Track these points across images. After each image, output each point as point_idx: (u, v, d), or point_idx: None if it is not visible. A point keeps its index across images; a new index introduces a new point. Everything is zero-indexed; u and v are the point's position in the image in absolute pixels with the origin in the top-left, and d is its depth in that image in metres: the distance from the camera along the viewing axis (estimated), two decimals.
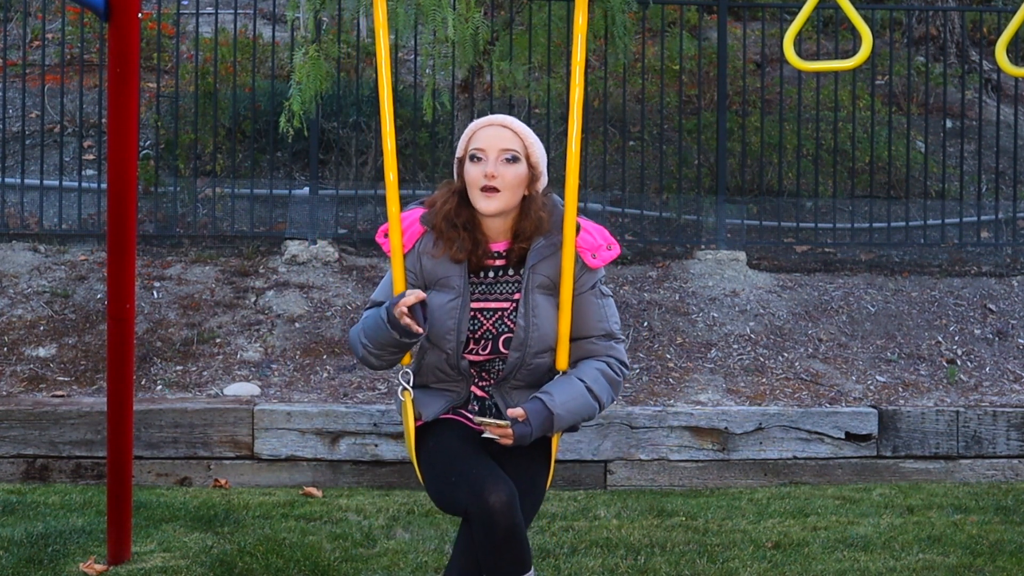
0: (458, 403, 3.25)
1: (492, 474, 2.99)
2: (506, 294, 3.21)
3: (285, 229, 7.70)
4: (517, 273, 3.21)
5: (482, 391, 3.26)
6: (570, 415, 3.14)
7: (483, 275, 3.22)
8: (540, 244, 3.18)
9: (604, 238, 3.24)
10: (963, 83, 8.61)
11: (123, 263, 3.78)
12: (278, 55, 8.38)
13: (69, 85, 8.20)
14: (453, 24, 6.58)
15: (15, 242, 7.35)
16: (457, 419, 3.24)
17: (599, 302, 3.25)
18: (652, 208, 8.11)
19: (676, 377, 6.48)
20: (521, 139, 3.18)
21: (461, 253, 3.16)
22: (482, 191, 3.13)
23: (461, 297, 3.16)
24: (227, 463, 5.75)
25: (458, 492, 3.00)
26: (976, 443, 6.10)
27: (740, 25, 9.58)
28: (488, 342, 3.19)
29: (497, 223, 3.20)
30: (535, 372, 3.21)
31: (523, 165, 3.16)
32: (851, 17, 3.94)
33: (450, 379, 3.23)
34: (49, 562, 4.20)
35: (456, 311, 3.16)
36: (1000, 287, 7.57)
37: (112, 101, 3.58)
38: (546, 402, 3.10)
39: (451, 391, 3.24)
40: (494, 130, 3.18)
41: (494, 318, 3.19)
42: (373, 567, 4.27)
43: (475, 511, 2.92)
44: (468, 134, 3.22)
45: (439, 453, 3.14)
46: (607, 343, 3.25)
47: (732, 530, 4.92)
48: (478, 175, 3.14)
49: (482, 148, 3.16)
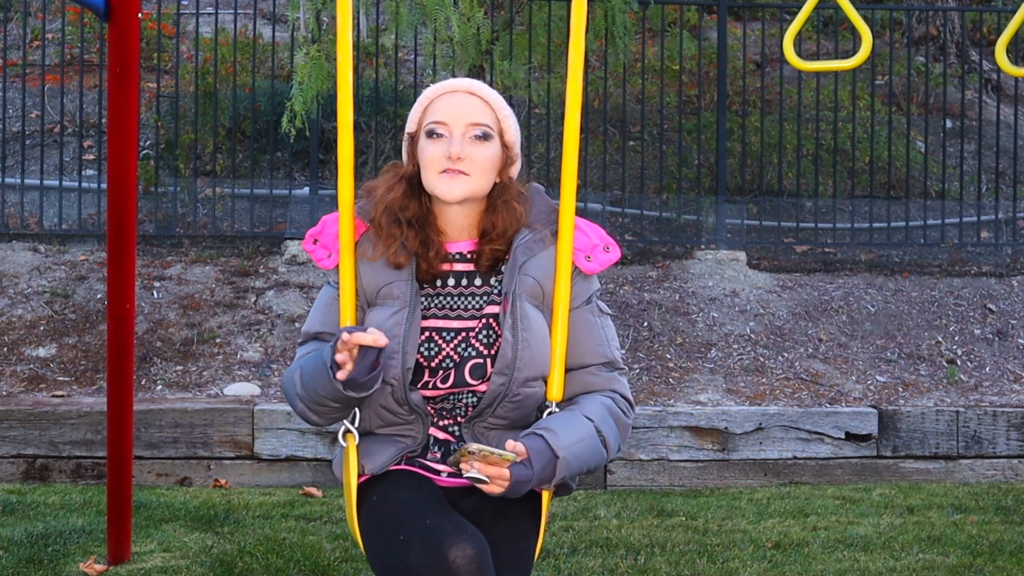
0: (413, 450, 2.47)
1: (456, 527, 2.22)
2: (472, 309, 2.45)
3: (285, 229, 7.70)
4: (487, 283, 2.47)
5: (444, 432, 2.48)
6: (577, 461, 2.35)
7: (440, 284, 2.46)
8: (526, 238, 2.47)
9: (601, 238, 2.52)
10: (963, 83, 8.61)
11: (123, 263, 3.78)
12: (278, 55, 8.38)
13: (69, 85, 8.20)
14: (456, 24, 6.59)
15: (15, 242, 7.35)
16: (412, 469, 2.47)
17: (597, 321, 2.50)
18: (652, 208, 8.11)
19: (676, 377, 6.48)
20: (493, 111, 2.49)
21: (402, 256, 2.42)
22: (443, 173, 2.39)
23: (407, 308, 2.40)
24: (227, 463, 5.75)
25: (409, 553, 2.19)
26: (976, 443, 6.10)
27: (740, 25, 9.57)
28: (449, 372, 2.42)
29: (458, 217, 2.46)
30: (521, 407, 2.43)
31: (496, 144, 2.47)
32: (851, 17, 3.94)
33: (400, 420, 2.45)
34: (49, 562, 4.20)
35: (400, 327, 2.38)
36: (1000, 287, 7.58)
37: (112, 101, 3.58)
38: (549, 440, 2.32)
39: (403, 436, 2.46)
40: (459, 99, 2.45)
41: (456, 340, 2.42)
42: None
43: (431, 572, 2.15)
44: (423, 103, 2.49)
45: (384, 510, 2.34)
46: (609, 374, 2.50)
47: (732, 530, 4.92)
48: (438, 155, 2.40)
49: (443, 121, 2.43)
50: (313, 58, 6.89)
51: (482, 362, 2.42)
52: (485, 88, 2.50)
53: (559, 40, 7.83)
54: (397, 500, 2.35)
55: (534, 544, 2.41)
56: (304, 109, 6.83)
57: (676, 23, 8.95)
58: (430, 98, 2.49)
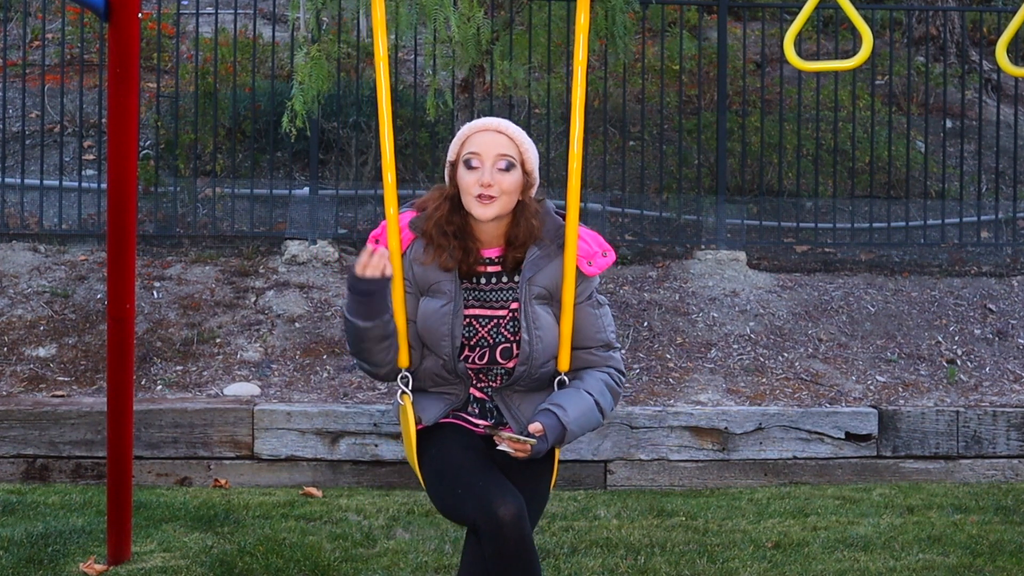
0: (457, 406, 3.22)
1: (500, 487, 2.96)
2: (501, 302, 3.18)
3: (285, 229, 7.70)
4: (512, 280, 3.19)
5: (481, 392, 3.23)
6: (580, 430, 3.15)
7: (476, 281, 3.19)
8: (535, 255, 3.16)
9: (599, 245, 3.20)
10: (963, 83, 8.61)
11: (123, 263, 3.78)
12: (278, 55, 8.38)
13: (69, 85, 8.20)
14: (455, 24, 6.59)
15: (15, 242, 7.35)
16: (458, 423, 3.21)
17: (596, 312, 3.23)
18: (652, 208, 8.11)
19: (676, 377, 6.48)
20: (516, 145, 3.14)
21: (451, 262, 3.12)
22: (477, 199, 3.08)
23: (453, 302, 3.13)
24: (227, 463, 5.75)
25: (465, 504, 2.97)
26: (976, 443, 6.10)
27: (740, 25, 9.58)
28: (484, 351, 3.17)
29: (491, 229, 3.16)
30: (539, 379, 3.20)
31: (518, 172, 3.13)
32: (851, 17, 3.94)
33: (447, 383, 3.20)
34: (49, 562, 4.20)
35: (448, 316, 3.12)
36: (1000, 287, 7.57)
37: (112, 101, 3.58)
38: (560, 417, 3.09)
39: (449, 394, 3.21)
40: (490, 136, 3.13)
41: (489, 326, 3.17)
42: (373, 567, 4.27)
43: (484, 525, 2.90)
44: (462, 138, 3.17)
45: (444, 462, 3.11)
46: (606, 353, 3.24)
47: (732, 530, 4.92)
48: (473, 182, 3.09)
49: (477, 153, 3.11)
50: (313, 58, 6.89)
51: (509, 346, 3.15)
52: (512, 127, 3.16)
53: (559, 40, 7.83)
54: (453, 457, 3.08)
55: (549, 482, 3.19)
56: (304, 109, 6.83)
57: (676, 23, 8.95)
58: (467, 134, 3.16)
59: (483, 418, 3.23)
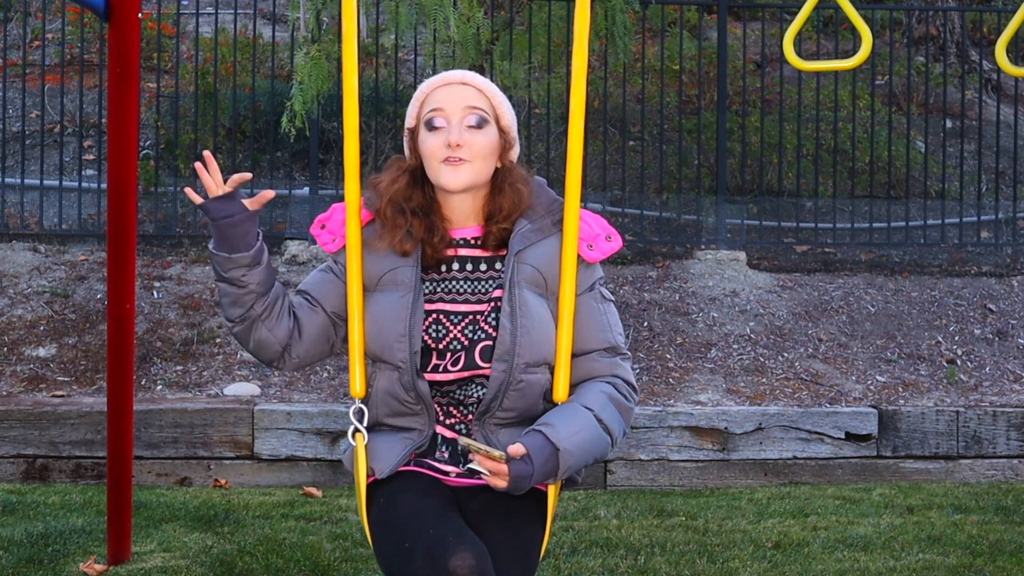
0: (420, 447, 2.52)
1: (457, 535, 2.30)
2: (480, 293, 2.51)
3: (285, 229, 7.70)
4: (492, 268, 2.53)
5: (452, 431, 2.52)
6: (580, 451, 2.40)
7: (446, 269, 2.52)
8: (525, 227, 2.52)
9: (603, 228, 2.57)
10: (963, 83, 8.61)
11: (123, 263, 3.78)
12: (278, 55, 8.38)
13: (69, 85, 8.20)
14: (455, 24, 6.59)
15: (15, 242, 7.35)
16: (419, 471, 2.52)
17: (599, 307, 2.55)
18: (652, 208, 8.11)
19: (676, 377, 6.49)
20: (488, 98, 2.52)
21: (408, 243, 2.49)
22: (445, 162, 2.46)
23: (412, 292, 2.47)
24: (227, 463, 5.75)
25: (413, 560, 2.28)
26: (976, 443, 6.10)
27: (740, 25, 9.57)
28: (459, 355, 2.47)
29: (464, 203, 2.52)
30: (526, 395, 2.48)
31: (492, 129, 2.51)
32: (851, 17, 3.94)
33: (407, 410, 2.50)
34: (49, 562, 4.20)
35: (405, 311, 2.46)
36: (1000, 287, 7.57)
37: (112, 101, 3.58)
38: (548, 435, 2.38)
39: (410, 430, 2.52)
40: (454, 89, 2.51)
41: (464, 323, 2.49)
42: (373, 567, 4.27)
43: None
44: (421, 96, 2.55)
45: (393, 512, 2.42)
46: (611, 360, 2.54)
47: (732, 530, 4.92)
48: (438, 145, 2.47)
49: (441, 110, 2.49)
50: (313, 58, 6.89)
51: (491, 344, 2.47)
52: (478, 77, 2.55)
53: (559, 40, 7.83)
54: (404, 506, 2.41)
55: (540, 543, 2.48)
56: (304, 109, 6.83)
57: (676, 23, 8.95)
58: (426, 92, 2.55)
59: (455, 464, 2.52)
